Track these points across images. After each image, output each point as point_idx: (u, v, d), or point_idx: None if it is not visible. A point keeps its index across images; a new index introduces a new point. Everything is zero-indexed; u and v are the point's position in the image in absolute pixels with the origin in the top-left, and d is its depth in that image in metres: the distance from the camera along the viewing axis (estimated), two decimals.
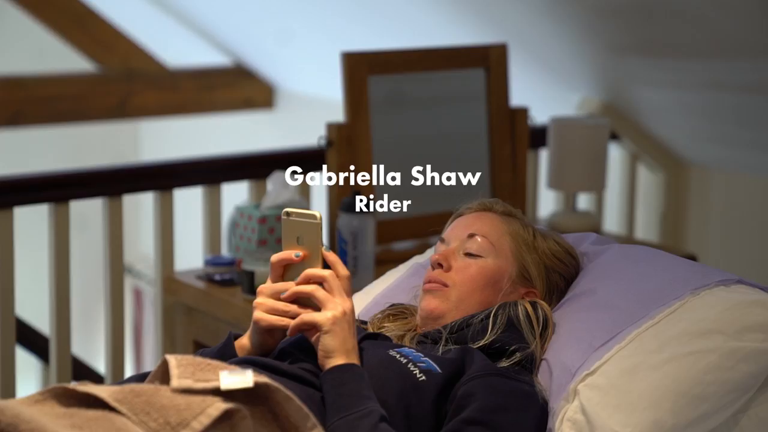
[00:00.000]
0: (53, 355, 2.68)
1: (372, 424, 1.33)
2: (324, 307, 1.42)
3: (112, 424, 1.18)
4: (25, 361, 2.95)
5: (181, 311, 2.72)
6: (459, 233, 1.66)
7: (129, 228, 2.79)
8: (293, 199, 2.66)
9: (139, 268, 5.07)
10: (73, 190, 2.66)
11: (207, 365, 1.30)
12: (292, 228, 1.47)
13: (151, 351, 5.47)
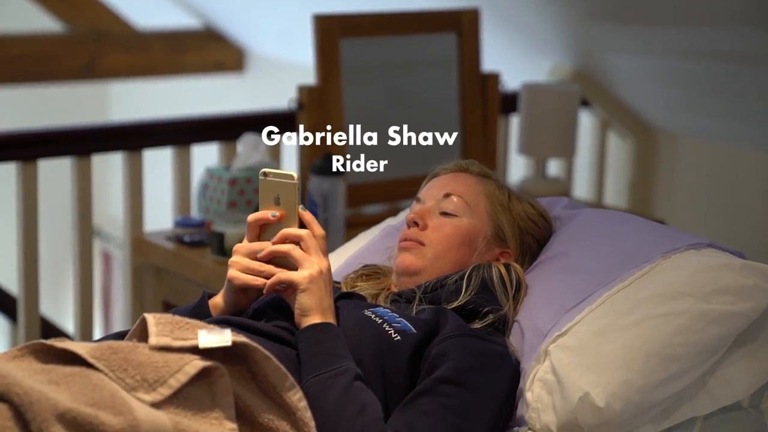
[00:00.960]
0: (21, 314, 2.67)
1: (347, 383, 1.34)
2: (300, 266, 1.43)
3: (89, 381, 1.18)
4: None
5: (150, 272, 2.71)
6: (435, 193, 1.67)
7: (97, 190, 2.77)
8: (263, 162, 2.65)
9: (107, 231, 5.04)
10: (41, 149, 2.64)
11: (185, 324, 1.30)
12: (269, 188, 1.47)
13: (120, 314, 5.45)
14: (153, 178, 2.92)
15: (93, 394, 1.15)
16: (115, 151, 2.79)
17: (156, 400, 1.19)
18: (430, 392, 1.38)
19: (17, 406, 1.10)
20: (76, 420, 1.10)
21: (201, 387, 1.23)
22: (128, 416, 1.13)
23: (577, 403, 1.42)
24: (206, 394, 1.23)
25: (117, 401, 1.15)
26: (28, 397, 1.10)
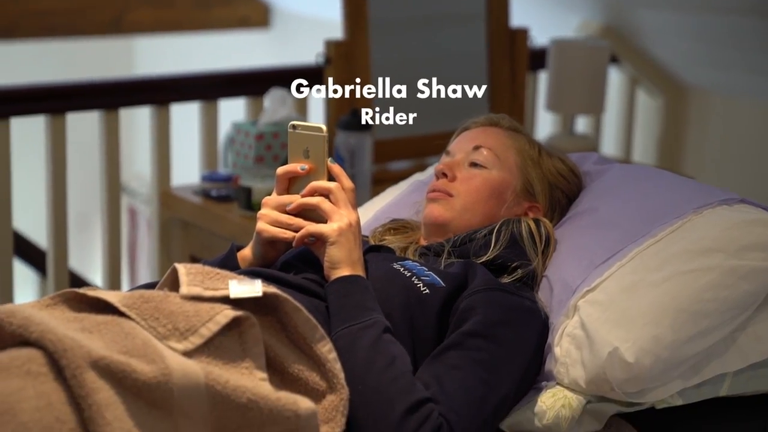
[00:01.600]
0: (50, 268, 2.69)
1: (376, 335, 1.34)
2: (330, 219, 1.43)
3: (121, 329, 1.19)
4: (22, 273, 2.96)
5: (177, 226, 2.72)
6: (464, 145, 1.67)
7: (123, 147, 2.78)
8: (290, 117, 2.65)
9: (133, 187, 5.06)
10: (69, 102, 2.64)
11: (216, 274, 1.30)
12: (298, 141, 1.47)
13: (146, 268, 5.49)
14: (180, 132, 2.92)
15: (125, 342, 1.16)
16: (143, 105, 2.79)
17: (187, 349, 1.19)
18: (459, 346, 1.39)
19: (51, 352, 1.11)
20: (110, 367, 1.11)
21: (231, 337, 1.24)
22: (160, 364, 1.14)
23: (606, 358, 1.42)
24: (237, 344, 1.24)
25: (149, 349, 1.16)
26: (62, 344, 1.11)
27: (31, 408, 1.07)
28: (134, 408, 1.12)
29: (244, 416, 1.17)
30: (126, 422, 1.10)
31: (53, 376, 1.11)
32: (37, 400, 1.08)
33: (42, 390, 1.09)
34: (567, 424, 1.43)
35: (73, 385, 1.09)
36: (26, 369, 1.11)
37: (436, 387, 1.33)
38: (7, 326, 1.16)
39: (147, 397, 1.13)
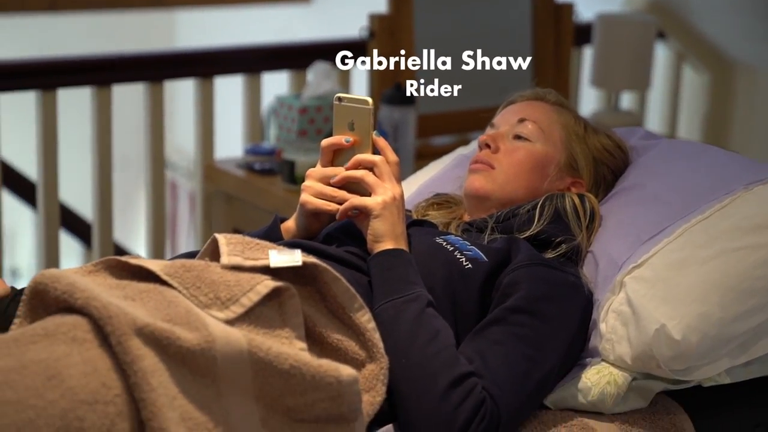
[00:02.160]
0: (96, 240, 2.72)
1: (419, 309, 1.34)
2: (374, 192, 1.42)
3: (164, 297, 1.19)
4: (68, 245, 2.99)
5: (220, 199, 2.74)
6: (509, 118, 1.65)
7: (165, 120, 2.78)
8: (334, 90, 2.64)
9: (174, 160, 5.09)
10: (115, 74, 2.65)
11: (256, 244, 1.30)
12: (344, 113, 1.46)
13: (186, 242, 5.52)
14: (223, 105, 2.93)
15: (168, 310, 1.17)
16: (187, 78, 2.80)
17: (229, 318, 1.20)
18: (502, 321, 1.38)
19: (96, 319, 1.12)
20: (154, 335, 1.11)
21: (271, 307, 1.24)
22: (203, 332, 1.14)
23: (652, 335, 1.40)
24: (276, 314, 1.24)
25: (192, 317, 1.16)
26: (106, 311, 1.11)
27: (78, 373, 1.08)
28: (178, 375, 1.12)
29: (287, 383, 1.18)
30: (170, 389, 1.10)
31: (98, 342, 1.12)
32: (83, 365, 1.09)
33: (88, 356, 1.10)
34: (612, 400, 1.42)
35: (118, 352, 1.10)
36: (72, 335, 1.11)
37: (479, 362, 1.32)
38: (51, 291, 1.16)
39: (191, 364, 1.13)
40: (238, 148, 2.92)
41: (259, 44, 2.93)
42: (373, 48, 2.56)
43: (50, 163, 2.58)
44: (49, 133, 2.56)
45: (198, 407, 1.12)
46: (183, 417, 1.10)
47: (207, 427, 1.12)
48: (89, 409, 1.07)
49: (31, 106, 2.56)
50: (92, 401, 1.07)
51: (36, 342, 1.10)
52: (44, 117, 2.54)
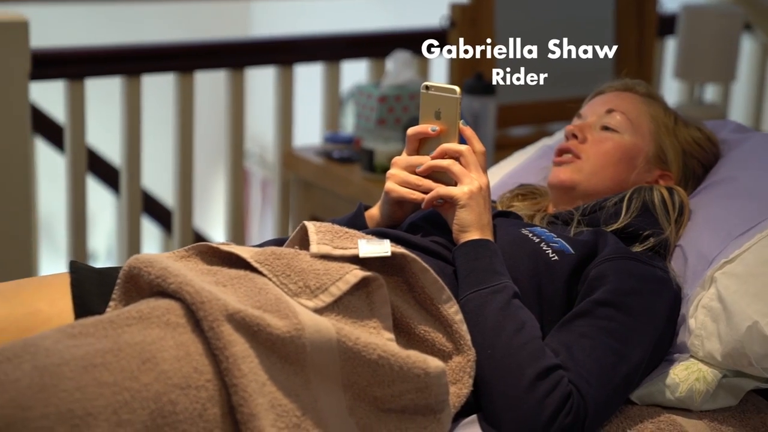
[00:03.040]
0: (176, 226, 2.75)
1: (505, 300, 1.33)
2: (460, 182, 1.41)
3: (254, 284, 1.20)
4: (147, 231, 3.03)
5: (299, 187, 2.75)
6: (597, 109, 1.63)
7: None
8: (413, 79, 2.64)
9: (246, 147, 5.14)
10: (198, 60, 2.68)
11: (345, 233, 1.30)
12: (430, 102, 1.45)
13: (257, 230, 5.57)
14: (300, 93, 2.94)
15: (258, 297, 1.17)
16: (268, 65, 2.81)
17: (318, 307, 1.20)
18: (588, 314, 1.36)
19: (189, 304, 1.13)
20: (245, 321, 1.12)
21: (360, 296, 1.24)
22: (293, 320, 1.15)
23: (744, 332, 1.37)
24: (365, 304, 1.24)
25: (282, 305, 1.16)
26: (199, 296, 1.12)
27: (171, 357, 1.09)
28: (267, 362, 1.13)
29: (375, 373, 1.18)
30: (260, 375, 1.11)
31: (191, 327, 1.13)
32: (176, 349, 1.10)
33: (180, 340, 1.11)
34: (701, 397, 1.40)
35: (210, 337, 1.11)
36: (165, 319, 1.12)
37: (565, 354, 1.31)
38: (145, 275, 1.18)
39: (280, 352, 1.14)
40: (317, 136, 2.93)
41: (339, 32, 2.94)
42: (454, 37, 2.55)
43: (133, 149, 2.61)
44: (133, 119, 2.59)
45: (287, 394, 1.13)
46: (272, 403, 1.11)
47: (296, 414, 1.13)
48: (182, 393, 1.08)
49: (116, 92, 2.60)
50: (185, 385, 1.08)
51: (131, 325, 1.11)
52: (129, 103, 2.58)
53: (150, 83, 2.64)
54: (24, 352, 1.04)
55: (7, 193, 2.38)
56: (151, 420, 1.05)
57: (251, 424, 1.08)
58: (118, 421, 1.03)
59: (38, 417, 1.00)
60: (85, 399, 1.03)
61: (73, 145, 2.54)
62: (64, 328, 1.10)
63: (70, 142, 2.54)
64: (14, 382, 1.01)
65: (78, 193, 2.57)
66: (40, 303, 1.20)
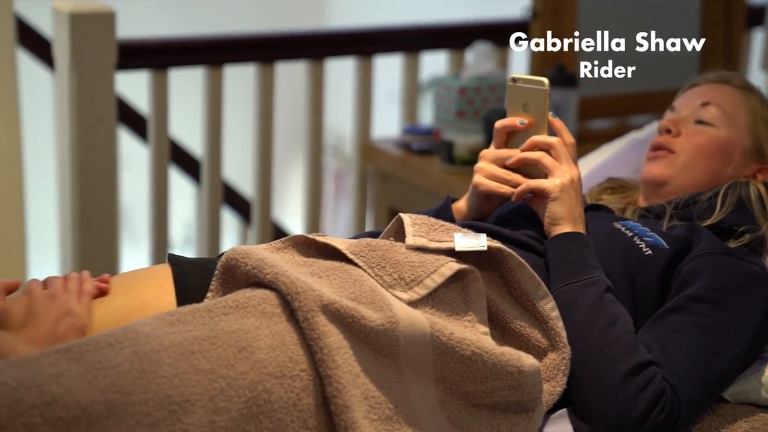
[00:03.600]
0: (255, 218, 2.77)
1: (598, 294, 1.31)
2: (551, 174, 1.40)
3: (349, 276, 1.20)
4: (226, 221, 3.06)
5: (377, 178, 2.75)
6: (692, 102, 1.60)
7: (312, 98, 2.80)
8: (493, 71, 2.62)
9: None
10: (279, 51, 2.69)
11: (441, 226, 1.29)
12: (518, 94, 1.44)
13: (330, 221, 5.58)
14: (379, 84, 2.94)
15: (353, 289, 1.17)
16: (348, 56, 2.82)
17: (412, 299, 1.19)
18: (682, 309, 1.33)
19: (284, 294, 1.13)
20: (339, 312, 1.12)
21: (455, 289, 1.23)
22: (387, 312, 1.14)
23: None
24: (460, 297, 1.23)
25: (376, 297, 1.16)
26: (294, 286, 1.13)
27: (267, 346, 1.09)
28: (361, 353, 1.13)
29: (467, 369, 1.17)
30: (354, 366, 1.11)
31: (286, 317, 1.13)
32: (271, 339, 1.10)
33: (276, 330, 1.11)
34: None
35: (305, 328, 1.11)
36: (261, 309, 1.13)
37: (658, 350, 1.29)
38: (242, 266, 1.19)
39: (374, 344, 1.13)
40: (395, 127, 2.92)
41: (419, 24, 2.93)
42: (536, 28, 2.53)
43: (215, 139, 2.64)
44: (215, 110, 2.62)
45: (379, 386, 1.13)
46: (366, 395, 1.11)
47: (388, 406, 1.13)
48: (277, 382, 1.08)
49: (198, 84, 2.62)
50: (280, 375, 1.08)
51: (227, 314, 1.12)
52: (211, 93, 2.60)
53: (232, 74, 2.66)
54: (124, 338, 1.05)
55: (92, 182, 2.41)
56: (247, 408, 1.06)
57: (344, 416, 1.08)
58: (215, 408, 1.04)
59: (138, 402, 1.01)
60: (182, 385, 1.04)
61: (156, 135, 2.57)
62: (163, 315, 1.11)
63: (154, 132, 2.57)
64: (115, 368, 1.02)
65: (160, 184, 2.60)
66: (149, 296, 1.22)
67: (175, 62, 2.56)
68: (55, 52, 2.43)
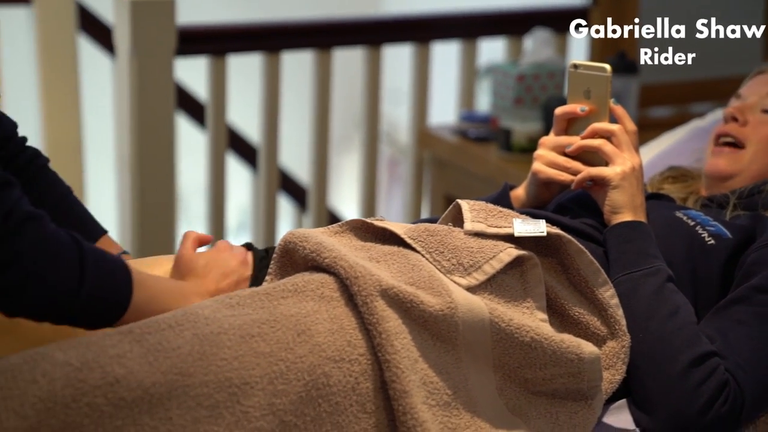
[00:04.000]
0: (312, 204, 2.78)
1: (659, 283, 1.29)
2: (612, 162, 1.38)
3: (407, 260, 1.19)
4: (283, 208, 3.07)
5: (433, 165, 2.74)
6: (759, 89, 1.57)
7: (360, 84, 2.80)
8: (552, 58, 2.60)
9: None
10: (336, 37, 2.69)
11: (499, 212, 1.28)
12: (579, 81, 1.42)
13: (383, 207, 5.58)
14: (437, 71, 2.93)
15: (412, 274, 1.17)
16: (405, 42, 2.81)
17: (471, 285, 1.18)
18: (745, 300, 1.31)
19: (343, 278, 1.13)
20: (398, 297, 1.11)
21: (513, 276, 1.22)
22: (446, 298, 1.14)
23: None
24: (518, 283, 1.22)
25: (435, 282, 1.16)
26: (353, 271, 1.12)
27: (325, 330, 1.09)
28: (420, 339, 1.12)
29: (526, 355, 1.16)
30: (413, 352, 1.11)
31: (344, 301, 1.13)
32: (330, 323, 1.10)
33: (334, 314, 1.11)
34: None
35: (363, 312, 1.11)
36: (320, 293, 1.13)
37: (721, 341, 1.27)
38: (300, 250, 1.19)
39: (432, 329, 1.13)
40: (451, 114, 2.91)
41: (477, 10, 2.91)
42: (596, 15, 2.50)
43: (272, 126, 2.65)
44: (272, 97, 2.63)
45: (438, 372, 1.12)
46: (424, 381, 1.11)
47: (446, 392, 1.12)
48: (335, 366, 1.08)
49: (255, 70, 2.63)
50: (338, 359, 1.08)
51: (286, 297, 1.12)
52: (268, 80, 2.61)
53: (290, 60, 2.67)
54: (184, 321, 1.06)
55: (151, 168, 2.44)
56: (306, 391, 1.06)
57: (403, 401, 1.08)
58: (274, 391, 1.05)
59: (198, 384, 1.02)
60: (242, 368, 1.04)
61: (214, 122, 2.59)
62: (222, 298, 1.12)
63: (212, 119, 2.59)
64: (176, 350, 1.03)
65: (217, 170, 2.62)
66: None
67: (234, 48, 2.57)
68: (115, 39, 2.45)
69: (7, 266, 0.98)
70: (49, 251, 1.00)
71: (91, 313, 1.05)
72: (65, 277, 1.01)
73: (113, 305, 1.06)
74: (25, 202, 1.01)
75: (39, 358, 0.98)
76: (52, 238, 1.01)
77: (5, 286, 0.99)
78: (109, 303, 1.06)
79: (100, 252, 1.06)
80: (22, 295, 1.00)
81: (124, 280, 1.07)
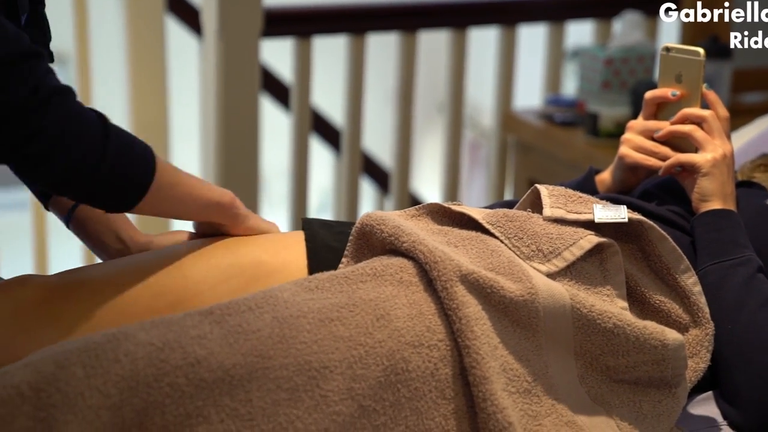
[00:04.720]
0: (394, 188, 2.78)
1: (749, 274, 1.26)
2: (703, 149, 1.35)
3: (486, 246, 1.18)
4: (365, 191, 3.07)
5: (517, 149, 2.71)
6: None
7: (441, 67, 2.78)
8: (642, 42, 2.54)
9: None
10: (422, 19, 2.68)
11: (578, 198, 1.26)
12: (671, 65, 1.39)
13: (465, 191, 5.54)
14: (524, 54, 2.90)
15: (491, 260, 1.15)
16: (491, 25, 2.78)
17: (550, 271, 1.17)
18: None
19: (422, 263, 1.12)
20: (478, 282, 1.10)
21: (593, 262, 1.20)
22: (526, 284, 1.12)
23: None
24: (598, 270, 1.19)
25: (515, 268, 1.14)
26: (432, 255, 1.11)
27: (404, 315, 1.09)
28: (500, 325, 1.11)
29: (609, 342, 1.14)
30: (493, 338, 1.09)
31: (423, 286, 1.12)
32: (409, 308, 1.09)
33: (413, 299, 1.10)
34: None
35: (443, 297, 1.10)
36: (399, 277, 1.12)
37: None
38: (378, 233, 1.18)
39: (513, 315, 1.11)
40: (537, 97, 2.88)
41: None
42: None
43: (356, 109, 2.65)
44: (357, 79, 2.62)
45: (518, 358, 1.11)
46: (504, 367, 1.09)
47: (527, 379, 1.11)
48: (414, 351, 1.07)
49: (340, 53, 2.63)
50: (417, 344, 1.08)
51: (365, 281, 1.11)
52: (353, 62, 2.61)
53: (374, 43, 2.66)
54: (264, 303, 1.06)
55: (235, 149, 2.46)
56: (385, 376, 1.06)
57: (483, 387, 1.07)
58: (353, 375, 1.04)
59: (278, 367, 1.02)
60: (321, 352, 1.04)
61: (299, 104, 2.60)
62: (301, 281, 1.12)
63: (296, 101, 2.60)
64: (256, 332, 1.03)
65: (301, 152, 2.63)
66: (263, 255, 1.22)
67: (319, 30, 2.57)
68: (202, 19, 2.47)
69: (34, 137, 1.01)
70: (74, 125, 1.03)
71: (113, 189, 1.07)
72: (88, 150, 1.03)
73: (135, 184, 1.08)
74: (53, 77, 1.04)
75: (122, 337, 0.99)
76: (77, 113, 1.04)
77: (30, 155, 1.02)
78: (132, 181, 1.07)
79: (125, 132, 1.08)
80: (45, 165, 1.02)
81: (147, 159, 1.08)
